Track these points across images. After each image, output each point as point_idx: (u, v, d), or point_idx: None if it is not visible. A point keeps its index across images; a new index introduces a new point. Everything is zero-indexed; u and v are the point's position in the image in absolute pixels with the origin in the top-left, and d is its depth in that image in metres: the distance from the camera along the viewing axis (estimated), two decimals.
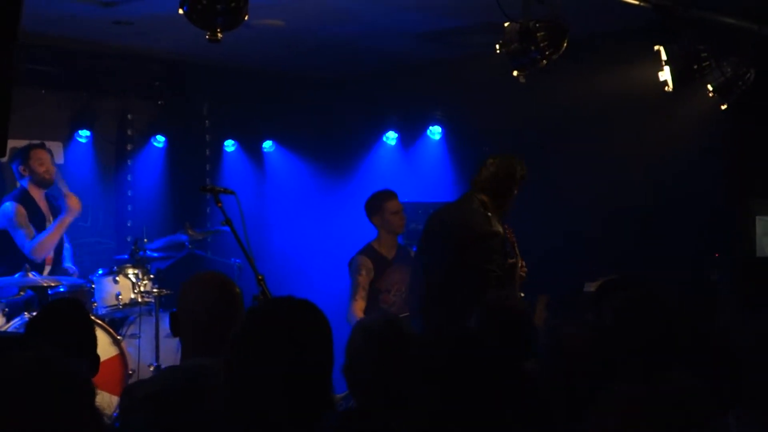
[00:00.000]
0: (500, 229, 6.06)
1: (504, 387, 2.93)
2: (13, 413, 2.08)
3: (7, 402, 2.09)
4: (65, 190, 8.13)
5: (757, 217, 7.99)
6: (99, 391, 2.54)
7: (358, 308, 7.08)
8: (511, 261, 6.19)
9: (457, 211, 6.23)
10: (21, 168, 7.92)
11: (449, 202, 6.64)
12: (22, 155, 7.88)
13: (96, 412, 2.27)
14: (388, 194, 7.47)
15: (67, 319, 4.10)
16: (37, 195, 8.00)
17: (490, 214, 6.10)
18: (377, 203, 7.42)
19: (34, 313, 6.79)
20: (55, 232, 7.94)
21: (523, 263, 6.44)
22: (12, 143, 5.55)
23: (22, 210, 7.78)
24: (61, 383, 2.16)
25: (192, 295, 3.69)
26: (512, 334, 4.26)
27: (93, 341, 4.27)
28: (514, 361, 3.78)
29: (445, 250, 6.05)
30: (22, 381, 2.12)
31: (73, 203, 8.05)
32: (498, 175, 6.20)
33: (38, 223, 7.92)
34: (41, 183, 7.98)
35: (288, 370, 2.58)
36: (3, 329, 7.06)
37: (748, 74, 6.83)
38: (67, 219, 8.02)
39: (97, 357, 4.43)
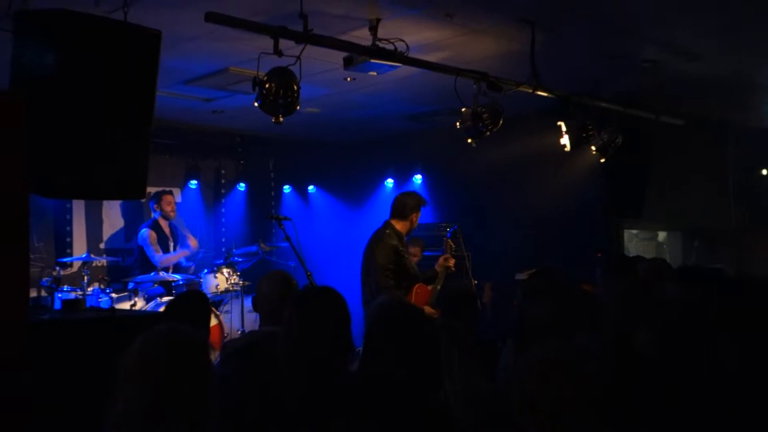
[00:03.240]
0: (398, 245, 5.81)
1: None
2: (161, 364, 2.06)
3: (158, 356, 2.08)
4: (187, 233, 8.36)
5: (625, 230, 8.34)
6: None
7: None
8: (410, 262, 5.94)
9: (374, 233, 5.99)
10: (155, 206, 8.16)
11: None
12: (156, 198, 8.15)
13: (210, 363, 2.23)
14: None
15: (195, 302, 4.12)
16: (164, 224, 8.18)
17: (388, 231, 5.88)
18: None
19: (167, 298, 7.17)
20: (177, 256, 8.18)
21: (452, 260, 6.22)
22: (148, 189, 5.20)
23: (153, 234, 7.97)
24: (191, 344, 2.16)
25: (265, 285, 3.67)
26: (464, 305, 4.23)
27: (208, 317, 4.33)
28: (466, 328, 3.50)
29: (366, 260, 5.91)
30: (168, 342, 2.13)
31: (193, 243, 8.37)
32: (401, 205, 6.03)
33: (163, 243, 8.08)
34: (167, 217, 8.19)
35: (325, 330, 2.64)
36: (143, 309, 7.19)
37: (618, 138, 6.90)
38: (187, 252, 8.32)
39: (209, 324, 4.65)
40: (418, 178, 9.72)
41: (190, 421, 2.03)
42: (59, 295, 6.76)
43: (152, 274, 7.60)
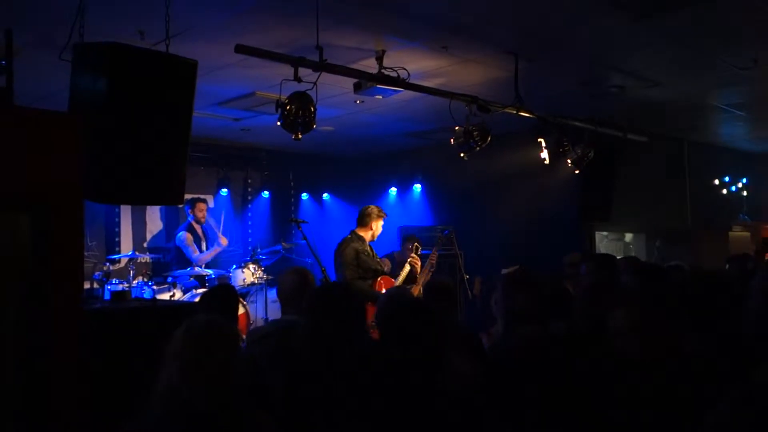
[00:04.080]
0: (357, 246, 5.80)
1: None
2: (199, 349, 2.09)
3: (197, 342, 2.10)
4: (219, 232, 8.22)
5: (596, 232, 8.33)
6: None
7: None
8: (371, 259, 5.89)
9: (342, 239, 5.98)
10: (189, 210, 8.09)
11: None
12: (191, 204, 8.07)
13: (239, 349, 2.25)
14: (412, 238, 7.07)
15: (225, 294, 4.05)
16: (197, 227, 8.09)
17: (351, 237, 5.91)
18: (406, 237, 7.22)
19: (201, 290, 7.15)
20: (211, 254, 8.06)
21: (418, 260, 6.10)
22: (185, 196, 5.09)
23: (189, 236, 7.89)
24: (225, 334, 2.18)
25: (287, 279, 3.64)
26: (443, 297, 4.08)
27: (236, 306, 4.23)
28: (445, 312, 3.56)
29: (335, 259, 5.90)
30: (205, 331, 2.15)
31: (224, 241, 8.22)
32: (362, 215, 5.99)
33: (197, 243, 7.98)
34: (199, 221, 8.09)
35: (341, 318, 2.61)
36: (181, 299, 7.09)
37: (590, 153, 6.90)
38: (218, 249, 8.17)
39: (237, 314, 4.54)
40: (417, 187, 9.76)
41: (220, 395, 2.06)
42: (109, 287, 6.78)
43: (188, 269, 7.57)
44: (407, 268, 6.16)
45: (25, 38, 4.62)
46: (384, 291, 5.71)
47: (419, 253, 6.26)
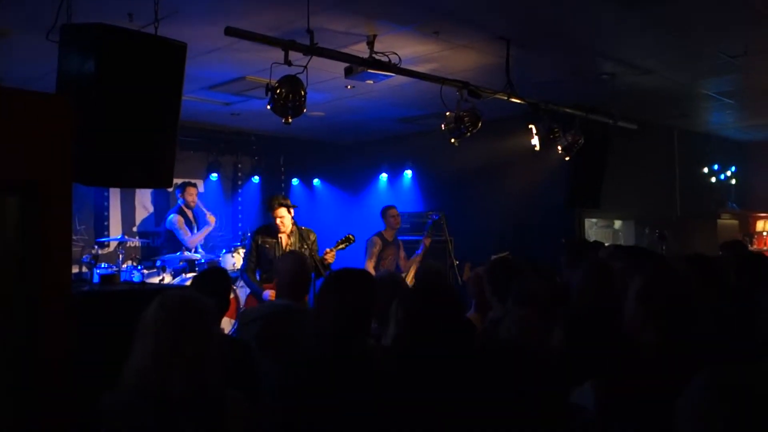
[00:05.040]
0: (257, 237, 5.83)
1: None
2: (169, 322, 2.05)
3: (168, 315, 2.07)
4: (206, 211, 8.23)
5: (585, 219, 8.30)
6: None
7: (370, 266, 7.05)
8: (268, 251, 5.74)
9: None
10: (180, 195, 8.14)
11: None
12: (182, 187, 8.13)
13: (215, 323, 2.23)
14: (390, 206, 7.43)
15: (217, 277, 3.97)
16: (188, 211, 8.10)
17: (258, 228, 6.04)
18: (385, 210, 7.38)
19: (190, 275, 7.11)
20: (201, 234, 8.11)
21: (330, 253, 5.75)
22: (175, 180, 4.98)
23: (180, 219, 7.92)
24: (197, 307, 2.12)
25: (282, 264, 3.69)
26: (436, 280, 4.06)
27: (229, 289, 4.15)
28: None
29: None
30: (178, 303, 2.11)
31: (211, 219, 8.23)
32: (267, 205, 6.03)
33: (188, 225, 7.99)
34: (188, 205, 8.12)
35: (349, 304, 2.55)
36: (170, 283, 7.05)
37: (580, 140, 6.88)
38: (208, 228, 8.20)
39: (230, 299, 4.47)
40: (408, 173, 9.72)
41: (193, 374, 2.01)
42: (97, 271, 6.73)
43: (179, 253, 7.56)
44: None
45: (11, 19, 4.58)
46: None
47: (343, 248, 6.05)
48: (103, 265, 7.00)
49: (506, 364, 1.92)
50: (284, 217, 5.87)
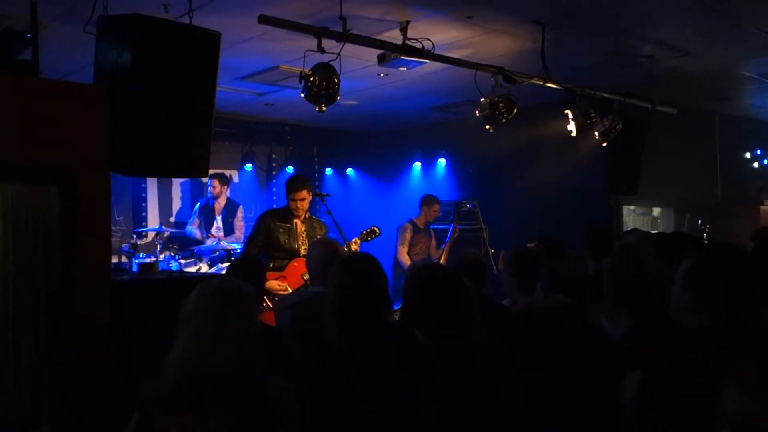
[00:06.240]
0: (269, 220, 5.52)
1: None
2: (211, 308, 2.08)
3: (209, 301, 2.10)
4: (239, 225, 8.09)
5: (623, 206, 8.19)
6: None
7: (403, 251, 7.08)
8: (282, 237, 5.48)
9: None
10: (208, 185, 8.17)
11: None
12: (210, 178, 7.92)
13: (255, 310, 2.24)
14: (434, 199, 7.39)
15: (251, 265, 4.05)
16: (218, 206, 8.05)
17: (269, 210, 5.84)
18: (427, 200, 7.33)
19: (226, 264, 6.98)
20: (216, 237, 7.89)
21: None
22: (210, 170, 5.04)
23: (197, 221, 7.90)
24: (236, 293, 2.15)
25: (315, 251, 3.68)
26: (474, 269, 3.99)
27: (263, 277, 4.23)
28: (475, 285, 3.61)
29: None
30: (218, 290, 2.14)
31: (238, 235, 8.08)
32: (286, 189, 5.68)
33: (208, 217, 7.99)
34: (214, 197, 8.06)
35: (365, 287, 2.59)
36: (208, 272, 7.00)
37: (618, 125, 6.77)
38: (232, 239, 8.02)
39: (264, 286, 4.44)
40: (442, 161, 9.65)
41: (235, 359, 2.04)
42: (136, 261, 6.78)
43: (215, 243, 7.61)
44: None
45: (49, 12, 4.62)
46: (291, 275, 5.39)
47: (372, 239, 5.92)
48: (141, 255, 7.04)
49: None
50: (305, 200, 5.60)
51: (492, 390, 2.28)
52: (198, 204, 8.16)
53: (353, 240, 5.67)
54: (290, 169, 10.18)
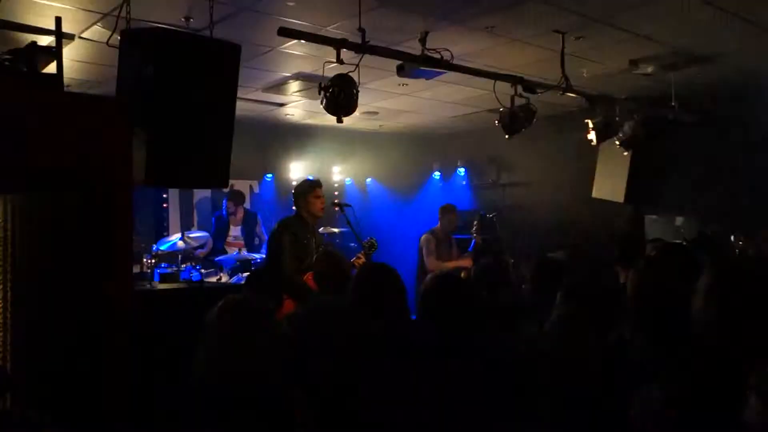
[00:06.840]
0: (296, 232, 5.33)
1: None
2: (232, 322, 2.14)
3: (230, 316, 2.16)
4: (260, 229, 8.24)
5: (645, 216, 8.13)
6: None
7: (433, 261, 6.99)
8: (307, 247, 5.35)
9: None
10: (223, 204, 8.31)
11: None
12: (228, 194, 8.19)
13: (274, 324, 2.28)
14: (452, 208, 7.36)
15: (269, 276, 4.20)
16: (236, 219, 8.20)
17: (286, 221, 5.56)
18: (446, 210, 7.32)
19: (245, 274, 6.87)
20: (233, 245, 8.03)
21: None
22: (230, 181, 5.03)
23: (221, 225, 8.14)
24: (256, 309, 2.21)
25: (320, 262, 3.86)
26: (496, 275, 4.14)
27: (280, 288, 4.30)
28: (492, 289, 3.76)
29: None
30: (239, 306, 2.20)
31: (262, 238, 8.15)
32: (293, 197, 5.68)
33: (222, 229, 8.16)
34: (230, 213, 8.21)
35: (382, 296, 2.66)
36: (228, 282, 7.06)
37: (639, 133, 6.66)
38: (239, 245, 8.04)
39: (282, 296, 4.42)
40: (461, 171, 9.68)
41: (256, 367, 2.09)
42: (158, 270, 6.87)
43: (234, 253, 7.66)
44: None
45: (73, 25, 4.72)
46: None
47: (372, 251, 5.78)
48: (163, 265, 7.13)
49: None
50: (323, 198, 5.53)
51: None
52: (213, 218, 8.32)
53: (357, 255, 5.59)
54: (311, 177, 10.13)
